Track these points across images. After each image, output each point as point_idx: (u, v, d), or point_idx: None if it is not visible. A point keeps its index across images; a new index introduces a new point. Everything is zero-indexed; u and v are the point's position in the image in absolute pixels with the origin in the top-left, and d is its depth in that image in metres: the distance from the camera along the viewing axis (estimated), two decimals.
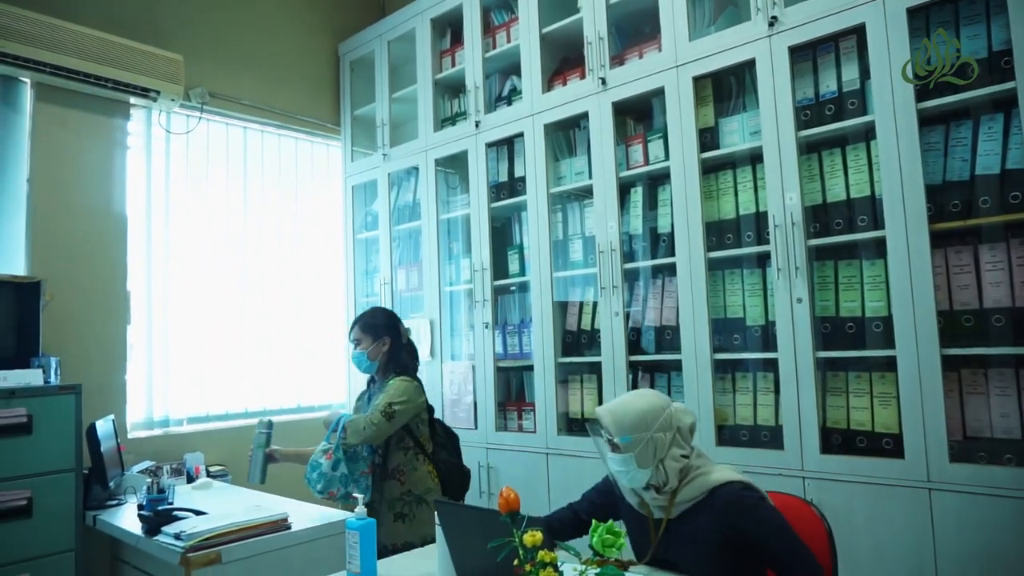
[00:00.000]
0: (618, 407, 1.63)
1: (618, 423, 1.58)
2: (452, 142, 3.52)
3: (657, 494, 1.59)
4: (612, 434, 1.58)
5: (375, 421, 2.27)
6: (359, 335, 2.50)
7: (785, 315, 2.37)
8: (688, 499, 1.58)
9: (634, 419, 1.58)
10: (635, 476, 1.58)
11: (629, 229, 2.89)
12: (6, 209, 3.04)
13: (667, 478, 1.57)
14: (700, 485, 1.57)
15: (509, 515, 1.25)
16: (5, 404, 2.38)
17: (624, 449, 1.56)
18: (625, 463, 1.57)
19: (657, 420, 1.59)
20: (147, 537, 2.17)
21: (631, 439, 1.55)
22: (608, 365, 2.83)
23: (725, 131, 2.64)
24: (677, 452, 1.59)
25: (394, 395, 2.33)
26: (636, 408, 1.60)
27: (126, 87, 3.24)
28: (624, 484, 1.64)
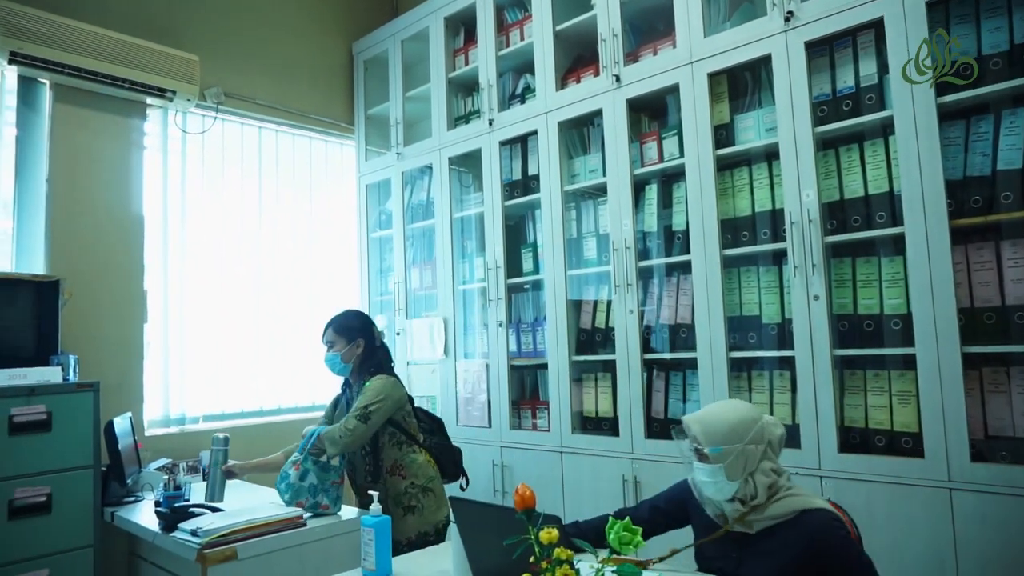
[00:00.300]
0: (708, 416, 1.60)
1: (708, 433, 1.56)
2: (466, 140, 3.52)
3: (742, 506, 1.55)
4: (701, 444, 1.55)
5: (351, 427, 2.31)
6: (332, 337, 2.53)
7: (802, 313, 2.35)
8: (774, 516, 1.54)
9: (725, 430, 1.55)
10: (723, 488, 1.54)
11: (644, 227, 2.87)
12: (26, 209, 3.08)
13: (756, 492, 1.54)
14: (789, 505, 1.53)
15: (525, 512, 1.24)
16: (25, 401, 2.41)
17: (713, 460, 1.53)
18: (713, 474, 1.54)
19: (749, 432, 1.56)
20: (164, 533, 2.19)
21: (721, 450, 1.53)
22: (623, 363, 2.82)
23: (740, 128, 2.62)
24: (767, 466, 1.56)
25: (370, 396, 2.36)
26: (727, 419, 1.58)
27: (143, 87, 3.26)
28: (708, 495, 1.60)
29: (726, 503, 1.58)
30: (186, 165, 3.57)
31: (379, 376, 2.45)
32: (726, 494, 1.55)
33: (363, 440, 2.35)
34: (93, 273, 3.14)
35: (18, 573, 2.33)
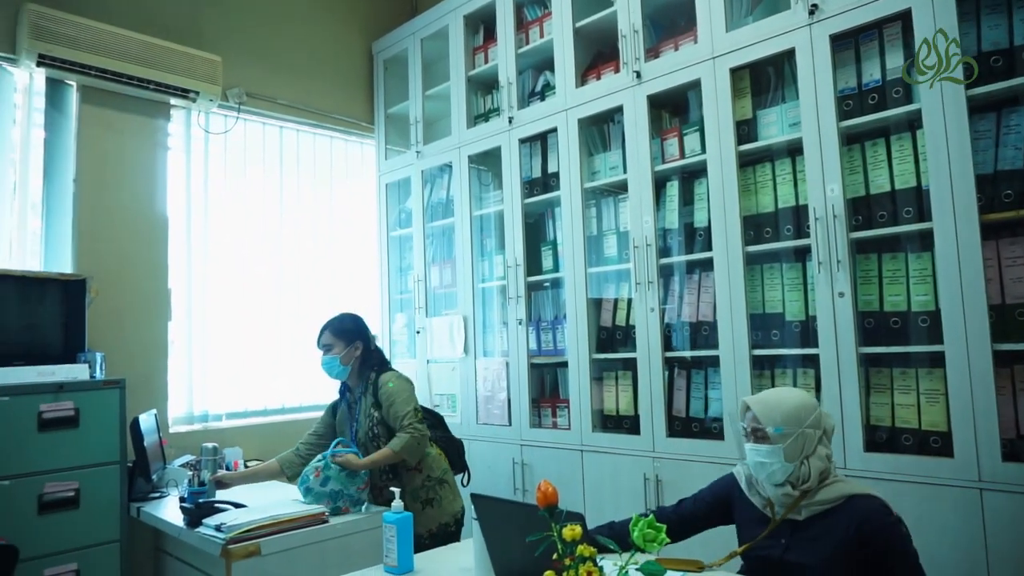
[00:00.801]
0: (770, 398, 1.65)
1: (770, 413, 1.60)
2: (485, 138, 3.52)
3: (792, 490, 1.58)
4: (763, 423, 1.59)
5: (421, 431, 2.35)
6: (330, 340, 2.53)
7: (826, 310, 2.31)
8: (823, 502, 1.56)
9: (787, 411, 1.59)
10: (780, 469, 1.57)
11: (664, 224, 2.85)
12: (54, 209, 3.13)
13: (809, 476, 1.57)
14: (839, 490, 1.56)
15: (547, 509, 1.24)
16: (53, 398, 2.45)
17: (774, 440, 1.56)
18: (772, 455, 1.56)
19: (809, 416, 1.60)
20: (189, 529, 2.21)
21: (783, 430, 1.56)
22: (644, 361, 2.80)
23: (763, 123, 2.59)
24: (823, 452, 1.59)
25: (407, 399, 2.40)
26: (790, 401, 1.62)
27: (167, 88, 3.30)
28: (762, 477, 1.62)
29: (777, 488, 1.60)
30: (209, 165, 3.61)
31: (391, 373, 2.47)
32: (780, 476, 1.57)
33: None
34: (119, 272, 3.18)
35: (48, 566, 2.37)
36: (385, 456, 2.35)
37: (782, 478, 1.58)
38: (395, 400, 2.40)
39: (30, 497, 2.36)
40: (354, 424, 2.52)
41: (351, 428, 2.54)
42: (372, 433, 2.45)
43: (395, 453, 2.34)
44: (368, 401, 2.48)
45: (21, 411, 2.38)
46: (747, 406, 1.67)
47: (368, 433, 2.45)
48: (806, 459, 1.58)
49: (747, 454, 1.64)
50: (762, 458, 1.59)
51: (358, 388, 2.54)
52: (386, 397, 2.42)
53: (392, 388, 2.42)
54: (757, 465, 1.61)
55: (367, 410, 2.48)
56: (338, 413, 2.65)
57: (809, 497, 1.58)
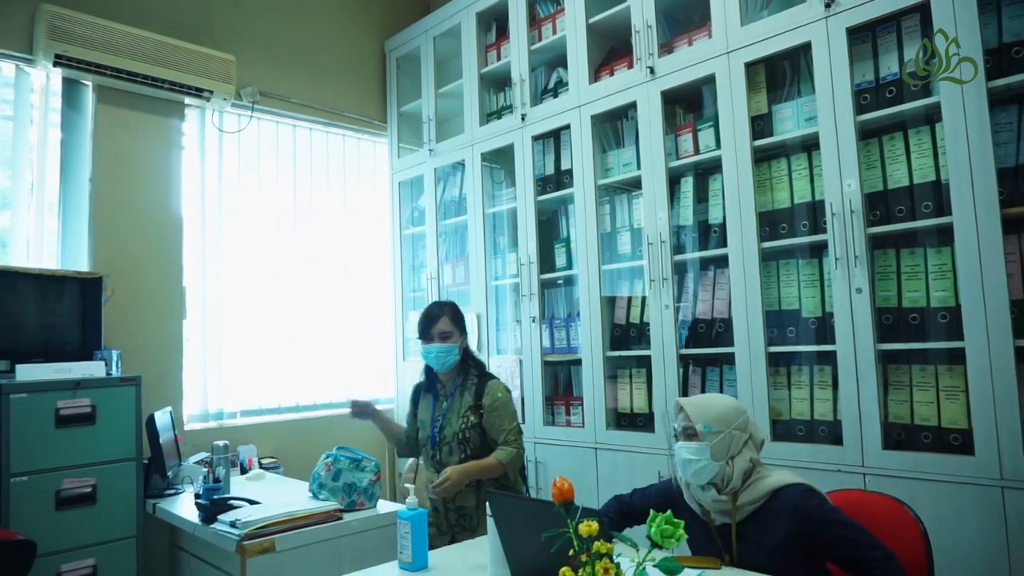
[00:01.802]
0: (700, 399, 1.72)
1: (701, 412, 1.64)
2: (498, 136, 3.51)
3: (718, 494, 1.61)
4: (693, 420, 1.63)
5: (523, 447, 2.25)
6: (449, 327, 2.29)
7: (844, 306, 2.29)
8: (750, 501, 1.59)
9: (717, 412, 1.65)
10: (705, 468, 1.60)
11: (679, 220, 2.83)
12: (71, 208, 3.16)
13: (732, 477, 1.60)
14: (761, 488, 1.60)
15: (563, 505, 1.23)
16: (71, 395, 2.47)
17: (702, 437, 1.60)
18: (699, 452, 1.60)
19: (737, 419, 1.65)
20: (204, 525, 2.22)
21: (712, 428, 1.61)
22: (658, 359, 2.78)
23: (779, 118, 2.56)
24: (748, 454, 1.63)
25: (513, 413, 2.27)
26: (719, 403, 1.69)
27: (181, 88, 3.33)
28: (687, 476, 1.65)
29: (704, 491, 1.63)
30: (223, 164, 3.63)
31: (498, 382, 2.31)
32: (705, 476, 1.61)
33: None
34: (134, 271, 3.20)
35: (65, 562, 2.39)
36: (491, 466, 2.18)
37: (707, 478, 1.61)
38: (504, 413, 2.24)
39: (48, 493, 2.38)
40: (439, 419, 2.31)
41: (433, 422, 2.33)
42: (463, 436, 2.24)
43: (502, 465, 2.18)
44: (465, 402, 2.28)
45: (39, 408, 2.40)
46: (680, 406, 1.71)
47: (459, 435, 2.24)
48: (731, 459, 1.62)
49: (676, 453, 1.67)
50: (690, 455, 1.62)
51: (453, 383, 2.32)
52: (493, 406, 2.24)
53: (502, 399, 2.25)
54: (684, 462, 1.64)
55: (462, 410, 2.27)
56: (420, 403, 2.45)
57: (739, 499, 1.61)
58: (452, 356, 2.30)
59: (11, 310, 2.66)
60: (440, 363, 2.31)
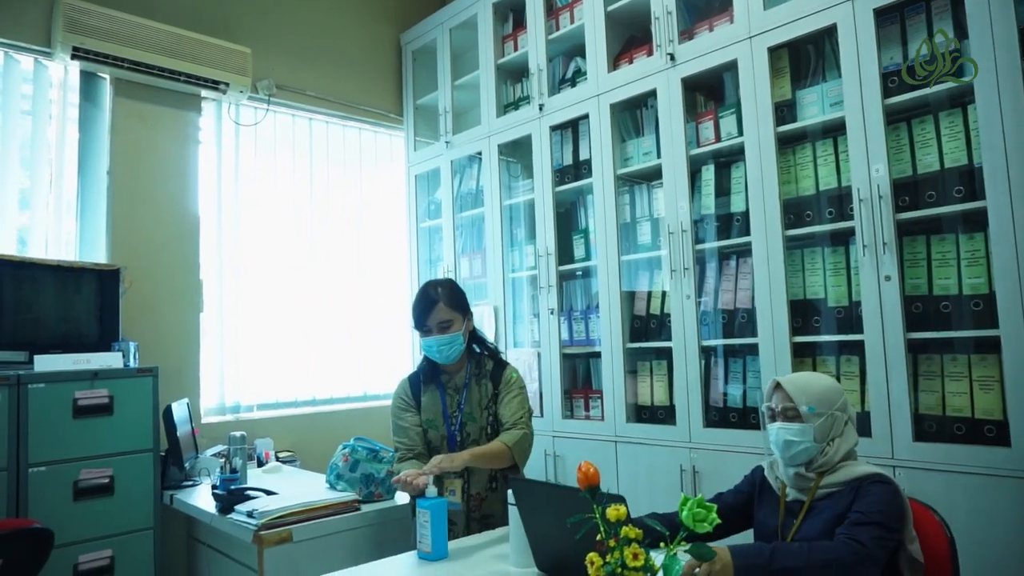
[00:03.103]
0: (802, 379, 1.63)
1: (803, 392, 1.58)
2: (515, 127, 3.47)
3: (807, 471, 1.56)
4: (795, 401, 1.57)
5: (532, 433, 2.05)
6: (449, 315, 2.02)
7: (872, 295, 2.23)
8: (835, 484, 1.54)
9: (819, 392, 1.58)
10: (806, 450, 1.55)
11: (700, 210, 2.78)
12: (89, 200, 3.16)
13: (831, 458, 1.55)
14: (850, 474, 1.54)
15: (589, 490, 1.19)
16: (89, 385, 2.47)
17: (807, 419, 1.55)
18: (802, 433, 1.55)
19: (839, 399, 1.60)
20: (221, 515, 2.20)
21: (815, 409, 1.55)
22: (679, 350, 2.74)
23: (803, 103, 2.50)
24: (851, 437, 1.59)
25: (525, 397, 2.07)
26: (820, 383, 1.61)
27: (198, 80, 3.32)
28: (784, 457, 1.59)
29: (797, 469, 1.58)
30: (239, 157, 3.62)
31: (511, 366, 2.13)
32: (804, 457, 1.56)
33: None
34: (151, 263, 3.20)
35: (83, 553, 2.38)
36: (497, 451, 1.92)
37: (808, 457, 1.57)
38: (516, 395, 2.04)
39: (66, 483, 2.37)
40: (457, 415, 2.07)
41: (448, 419, 2.07)
42: (490, 431, 2.05)
43: (508, 448, 1.93)
44: (485, 391, 2.07)
45: (57, 398, 2.39)
46: (778, 385, 1.64)
47: (486, 431, 2.05)
48: (832, 441, 1.57)
49: (773, 434, 1.61)
50: (792, 436, 1.57)
51: (464, 372, 2.08)
52: (507, 387, 2.06)
53: (516, 380, 2.07)
54: (785, 444, 1.58)
55: (484, 402, 2.06)
56: (423, 401, 2.12)
57: (824, 480, 1.56)
58: (456, 346, 2.04)
59: (30, 302, 2.66)
60: (444, 356, 2.05)
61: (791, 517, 1.59)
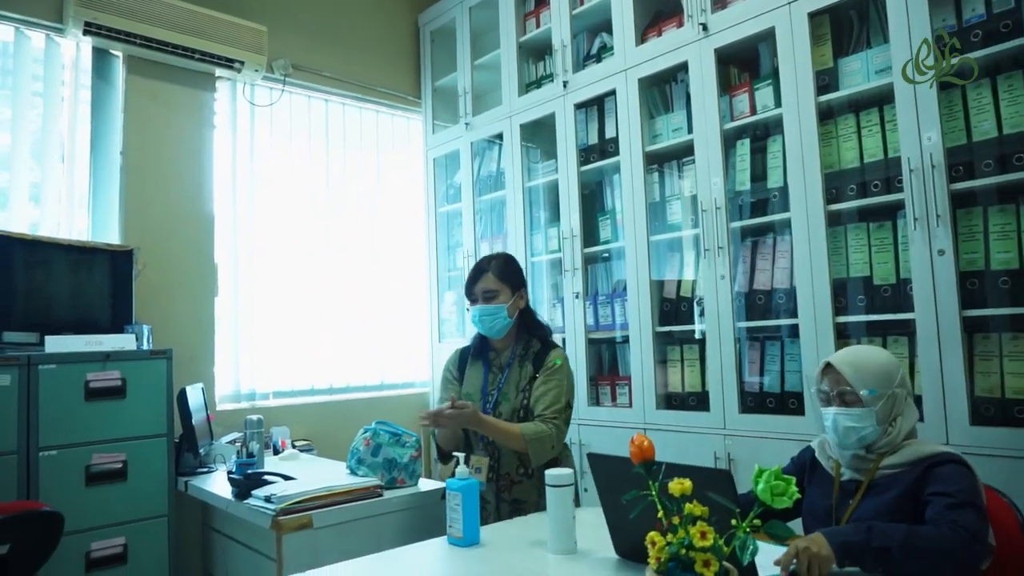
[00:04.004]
0: (855, 357, 1.50)
1: (861, 373, 1.46)
2: (538, 105, 3.36)
3: (867, 453, 1.45)
4: (853, 384, 1.45)
5: (562, 432, 1.88)
6: (495, 285, 1.96)
7: (923, 270, 2.10)
8: (898, 464, 1.43)
9: (877, 371, 1.46)
10: (869, 435, 1.44)
11: (735, 186, 2.66)
12: (101, 180, 3.08)
13: (897, 438, 1.44)
14: (914, 453, 1.42)
15: (643, 465, 1.08)
16: (101, 367, 2.38)
17: (867, 403, 1.43)
18: (864, 419, 1.43)
19: (897, 375, 1.47)
20: (237, 501, 2.11)
21: (876, 392, 1.43)
22: (713, 333, 2.62)
23: (845, 72, 2.38)
24: (912, 414, 1.47)
25: (566, 388, 1.92)
26: (876, 359, 1.49)
27: (212, 58, 3.23)
28: (846, 444, 1.46)
29: (856, 451, 1.46)
30: (255, 139, 3.53)
31: (559, 350, 1.99)
32: (865, 441, 1.44)
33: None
34: (165, 246, 3.12)
35: (96, 540, 2.30)
36: (512, 433, 1.84)
37: (870, 440, 1.45)
38: (553, 386, 1.91)
39: (78, 467, 2.29)
40: (494, 393, 2.00)
41: (485, 396, 2.01)
42: (522, 414, 1.95)
43: (523, 439, 1.82)
44: (525, 373, 1.97)
45: (68, 380, 2.31)
46: (830, 366, 1.52)
47: (519, 412, 1.95)
48: (894, 420, 1.45)
49: (830, 419, 1.49)
50: (853, 422, 1.45)
51: (510, 351, 2.01)
52: (546, 374, 1.93)
53: (558, 367, 1.93)
54: (846, 431, 1.46)
55: (522, 383, 1.96)
56: (467, 374, 2.08)
57: (885, 460, 1.45)
58: (500, 319, 1.96)
59: (41, 283, 2.58)
60: (486, 327, 1.99)
61: (846, 497, 1.48)
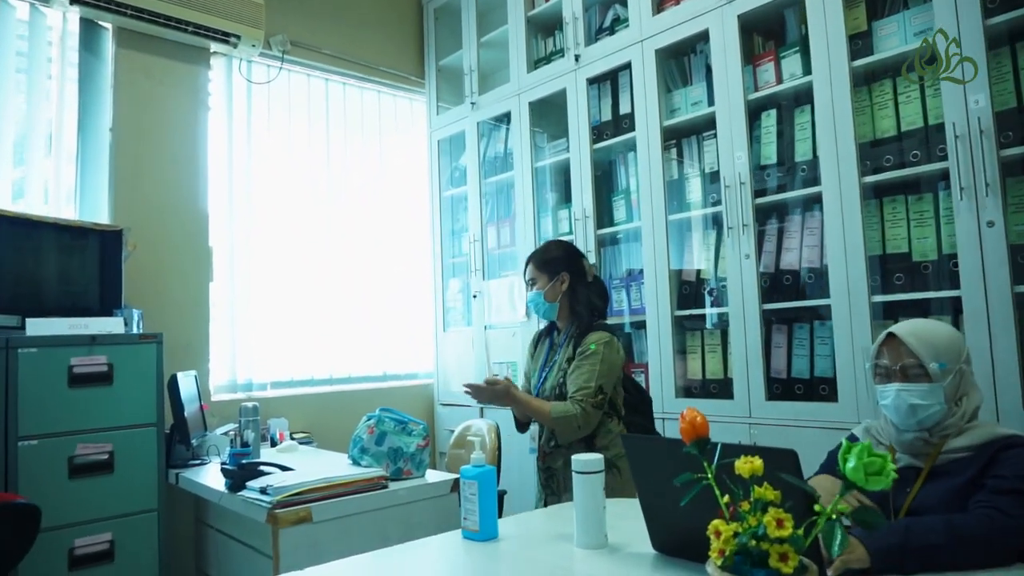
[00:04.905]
0: (924, 329, 1.36)
1: (931, 345, 1.32)
2: (548, 81, 3.21)
3: (929, 436, 1.31)
4: (922, 357, 1.31)
5: (589, 414, 1.88)
6: (534, 273, 2.12)
7: (971, 244, 1.95)
8: (963, 447, 1.28)
9: (948, 343, 1.33)
10: (935, 414, 1.30)
11: (759, 160, 2.51)
12: (90, 160, 2.92)
13: (962, 419, 1.30)
14: (982, 435, 1.28)
15: (696, 444, 0.92)
16: (87, 351, 2.23)
17: (935, 377, 1.29)
18: (932, 395, 1.29)
19: (965, 350, 1.35)
20: (231, 493, 1.95)
21: (946, 365, 1.30)
22: (737, 317, 2.46)
23: (881, 35, 2.23)
24: (976, 394, 1.34)
25: (601, 372, 1.92)
26: (943, 331, 1.36)
27: (207, 32, 3.07)
28: (908, 424, 1.32)
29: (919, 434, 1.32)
30: (252, 118, 3.38)
31: (599, 334, 2.00)
32: (933, 421, 1.30)
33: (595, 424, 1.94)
34: (158, 228, 2.97)
35: (79, 536, 2.15)
36: (542, 411, 1.92)
37: (933, 423, 1.31)
38: (586, 367, 1.93)
39: (60, 459, 2.14)
40: (547, 370, 2.09)
41: (542, 371, 2.11)
42: (558, 392, 2.01)
43: (549, 418, 1.91)
44: (566, 353, 2.03)
45: (51, 364, 2.16)
46: (892, 337, 1.37)
47: (555, 390, 2.01)
48: (960, 400, 1.32)
49: (891, 396, 1.34)
50: (918, 399, 1.30)
51: (566, 332, 2.10)
52: (581, 356, 1.97)
53: (592, 350, 1.95)
54: (910, 409, 1.31)
55: (562, 363, 2.02)
56: (536, 351, 2.21)
57: (949, 444, 1.30)
58: (540, 304, 2.09)
59: (25, 263, 2.42)
60: (535, 310, 2.15)
61: (904, 485, 1.32)
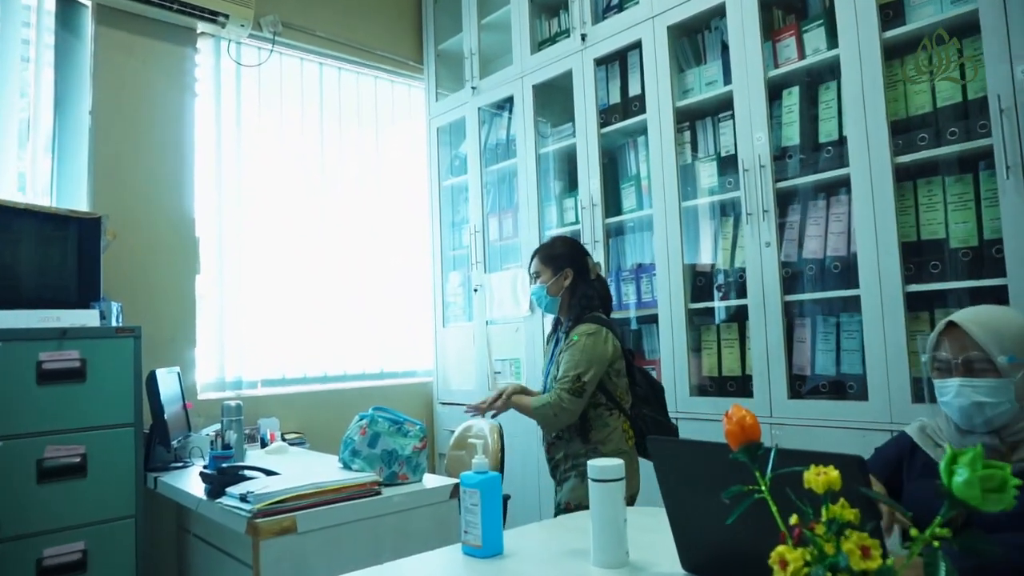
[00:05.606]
0: (991, 317, 1.22)
1: (998, 336, 1.18)
2: (553, 62, 3.04)
3: (1000, 443, 1.16)
4: (988, 349, 1.17)
5: (565, 404, 1.90)
6: (538, 267, 2.16)
7: (1017, 228, 1.78)
8: None
9: (1017, 333, 1.19)
10: (1005, 412, 1.16)
11: (780, 142, 2.35)
12: (68, 143, 2.76)
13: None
14: None
15: (745, 449, 0.76)
16: (56, 345, 2.07)
17: (1004, 372, 1.16)
18: (1001, 391, 1.15)
19: None
20: (209, 500, 1.79)
21: (1017, 358, 1.16)
22: (756, 309, 2.30)
23: (914, 4, 2.06)
24: None
25: (580, 360, 1.93)
26: (1012, 320, 1.21)
27: (193, 9, 2.91)
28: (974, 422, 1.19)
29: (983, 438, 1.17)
30: (241, 103, 3.21)
31: (586, 325, 2.01)
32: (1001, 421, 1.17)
33: (579, 413, 1.95)
34: (140, 217, 2.81)
35: (48, 545, 1.98)
36: (527, 407, 1.99)
37: (1001, 424, 1.17)
38: (567, 355, 1.97)
39: (27, 462, 1.97)
40: (549, 366, 2.12)
41: (548, 364, 2.15)
42: (550, 384, 2.05)
43: (530, 410, 1.97)
44: (562, 347, 2.06)
45: (17, 360, 1.99)
46: (954, 327, 1.22)
47: (553, 382, 2.03)
48: None
49: (952, 392, 1.19)
50: (984, 396, 1.16)
51: (564, 325, 2.13)
52: (566, 349, 2.00)
53: (575, 342, 1.97)
54: (975, 407, 1.17)
55: (557, 357, 2.06)
56: (548, 346, 2.26)
57: (1019, 451, 1.16)
58: (542, 299, 2.13)
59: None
60: (538, 303, 2.18)
61: None
